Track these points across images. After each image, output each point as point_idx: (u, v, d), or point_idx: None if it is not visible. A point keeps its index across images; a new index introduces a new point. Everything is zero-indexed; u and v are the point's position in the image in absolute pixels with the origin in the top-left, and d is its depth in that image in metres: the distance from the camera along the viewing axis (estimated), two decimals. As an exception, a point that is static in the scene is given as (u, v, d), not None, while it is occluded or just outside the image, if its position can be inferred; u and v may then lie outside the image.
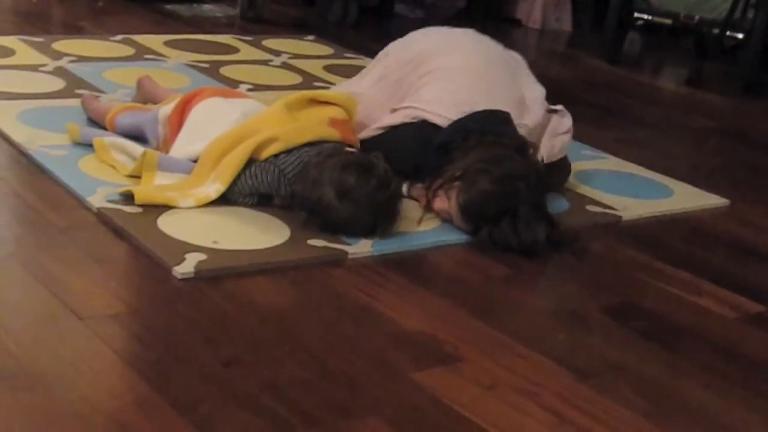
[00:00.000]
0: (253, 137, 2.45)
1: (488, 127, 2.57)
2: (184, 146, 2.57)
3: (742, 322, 2.29)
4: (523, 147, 2.55)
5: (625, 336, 2.15)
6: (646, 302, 2.33)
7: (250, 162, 2.43)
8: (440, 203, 2.52)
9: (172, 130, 2.63)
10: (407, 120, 2.67)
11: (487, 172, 2.44)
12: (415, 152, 2.58)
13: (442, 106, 2.65)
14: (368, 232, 2.37)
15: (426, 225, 2.51)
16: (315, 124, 2.52)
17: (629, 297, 2.35)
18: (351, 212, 2.33)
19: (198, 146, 2.53)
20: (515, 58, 2.95)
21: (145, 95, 3.03)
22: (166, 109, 2.69)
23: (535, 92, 2.84)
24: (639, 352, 2.08)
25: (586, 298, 2.32)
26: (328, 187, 2.32)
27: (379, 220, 2.38)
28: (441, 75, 2.75)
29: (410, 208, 2.54)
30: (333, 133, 2.51)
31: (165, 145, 2.64)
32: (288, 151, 2.43)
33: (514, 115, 2.67)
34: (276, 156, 2.43)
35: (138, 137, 2.70)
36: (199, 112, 2.63)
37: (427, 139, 2.60)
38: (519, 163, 2.47)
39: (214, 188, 2.41)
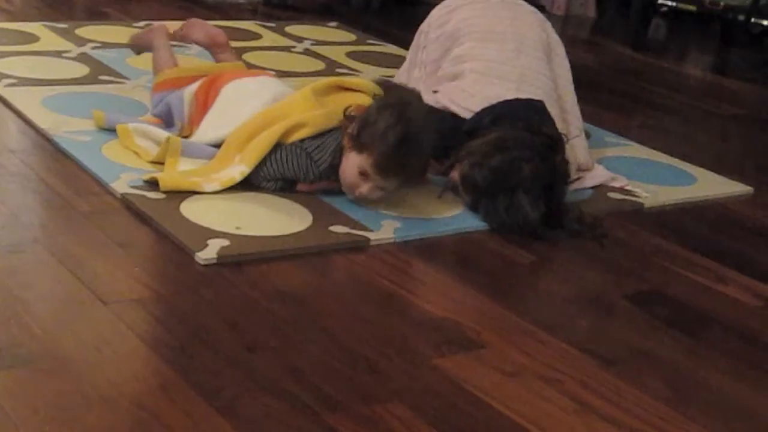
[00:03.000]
0: (280, 122, 2.45)
1: (520, 114, 2.57)
2: (211, 129, 2.57)
3: (766, 310, 2.28)
4: (554, 141, 2.53)
5: (648, 323, 2.14)
6: (670, 289, 2.32)
7: (277, 146, 2.43)
8: (454, 174, 2.54)
9: (198, 109, 2.64)
10: (439, 107, 2.68)
11: (496, 149, 2.45)
12: (444, 136, 2.57)
13: (473, 100, 2.67)
14: (399, 157, 2.36)
15: (448, 211, 2.51)
16: (342, 110, 2.53)
17: (653, 284, 2.34)
18: (390, 122, 2.34)
19: (225, 130, 2.53)
20: (553, 39, 2.94)
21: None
22: (191, 88, 2.69)
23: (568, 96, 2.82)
24: (662, 339, 2.07)
25: (610, 286, 2.31)
26: (372, 108, 2.39)
27: (412, 149, 2.37)
28: (473, 67, 2.74)
29: (435, 193, 2.54)
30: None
31: (191, 125, 2.64)
32: (314, 136, 2.44)
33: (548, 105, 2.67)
34: (302, 140, 2.43)
35: (167, 121, 2.70)
36: (227, 93, 2.63)
37: (456, 128, 2.61)
38: (531, 148, 2.45)
39: (238, 170, 2.42)
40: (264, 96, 2.61)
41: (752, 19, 4.92)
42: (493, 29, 2.84)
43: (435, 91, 2.77)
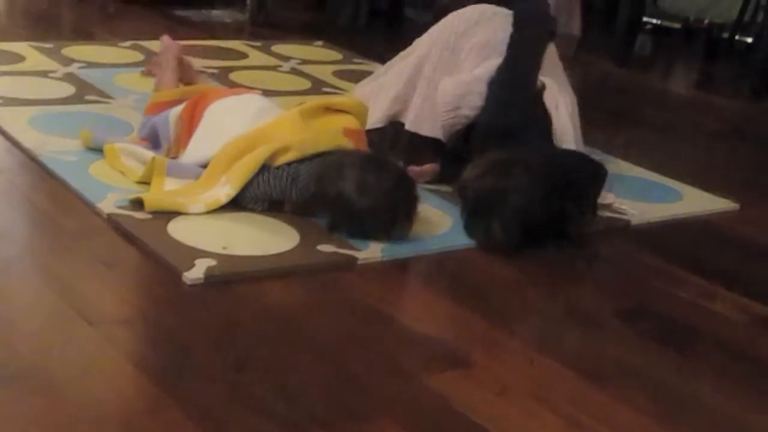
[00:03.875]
0: (267, 144, 2.45)
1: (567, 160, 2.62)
2: (197, 150, 2.57)
3: (754, 326, 2.29)
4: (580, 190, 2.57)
5: (637, 340, 2.14)
6: (658, 306, 2.32)
7: (263, 168, 2.42)
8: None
9: (184, 130, 2.63)
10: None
11: (498, 171, 2.47)
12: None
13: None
14: (387, 229, 2.36)
15: (435, 229, 2.51)
16: (329, 134, 2.53)
17: (641, 301, 2.34)
18: (371, 205, 2.33)
19: (211, 149, 2.52)
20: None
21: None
22: (176, 109, 2.69)
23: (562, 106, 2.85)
24: (651, 356, 2.07)
25: (598, 302, 2.31)
26: (348, 183, 2.33)
27: (398, 217, 2.38)
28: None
29: (425, 210, 2.53)
30: (347, 143, 2.51)
31: (177, 145, 2.64)
32: (301, 160, 2.43)
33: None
34: (289, 164, 2.43)
35: (154, 143, 2.70)
36: (212, 113, 2.63)
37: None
38: (536, 182, 2.45)
39: (224, 192, 2.41)
40: (248, 114, 2.60)
41: (737, 36, 4.94)
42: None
43: None
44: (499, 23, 2.88)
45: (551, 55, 2.91)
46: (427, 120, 2.87)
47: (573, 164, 2.58)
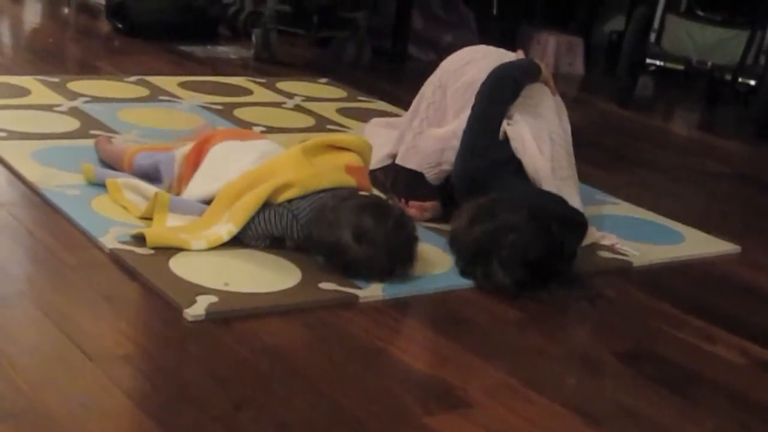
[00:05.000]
0: (269, 181, 2.46)
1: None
2: (199, 187, 2.58)
3: (755, 369, 2.28)
4: (572, 222, 2.59)
5: (636, 382, 2.14)
6: (658, 348, 2.32)
7: (265, 205, 2.43)
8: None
9: (188, 169, 2.64)
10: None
11: (485, 215, 2.47)
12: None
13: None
14: (386, 274, 2.37)
15: (436, 268, 2.51)
16: (331, 171, 2.53)
17: (641, 342, 2.34)
18: (368, 254, 2.33)
19: (213, 187, 2.54)
20: (558, 96, 3.00)
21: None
22: (184, 149, 2.70)
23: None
24: (651, 397, 2.07)
25: (598, 343, 2.31)
26: (345, 230, 2.33)
27: (397, 262, 2.38)
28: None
29: (426, 249, 2.54)
30: (349, 180, 2.52)
31: (179, 184, 2.65)
32: (303, 197, 2.44)
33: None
34: (290, 201, 2.43)
35: (154, 177, 2.71)
36: (216, 153, 2.64)
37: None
38: (527, 219, 2.45)
39: (226, 229, 2.42)
40: (252, 154, 2.61)
41: (739, 79, 4.96)
42: None
43: None
44: (488, 63, 2.90)
45: (536, 92, 2.91)
46: (413, 157, 2.89)
47: (551, 207, 2.58)
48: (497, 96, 2.78)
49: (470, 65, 2.97)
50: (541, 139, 2.74)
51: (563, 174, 2.74)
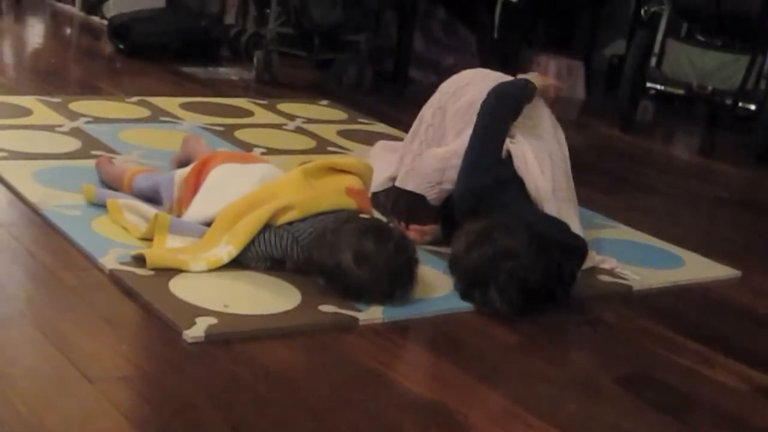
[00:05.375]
0: (269, 203, 2.46)
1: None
2: (199, 209, 2.58)
3: (754, 395, 2.28)
4: (572, 248, 2.59)
5: (636, 407, 2.13)
6: (658, 373, 2.31)
7: (265, 227, 2.43)
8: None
9: (187, 192, 2.65)
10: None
11: (484, 240, 2.46)
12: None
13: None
14: (386, 297, 2.37)
15: (436, 291, 2.51)
16: (332, 193, 2.54)
17: (641, 367, 2.34)
18: (369, 277, 2.33)
19: (213, 209, 2.54)
20: (554, 118, 3.00)
21: (187, 154, 3.03)
22: (183, 171, 2.70)
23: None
24: (651, 423, 2.06)
25: (598, 368, 2.30)
26: (346, 253, 2.33)
27: (397, 285, 2.38)
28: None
29: (426, 272, 2.54)
30: (349, 203, 2.52)
31: (179, 206, 2.65)
32: (303, 219, 2.44)
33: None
34: (290, 223, 2.43)
35: (154, 199, 2.71)
36: (216, 175, 2.64)
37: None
38: (526, 244, 2.45)
39: (226, 251, 2.42)
40: (252, 177, 2.62)
41: (740, 103, 4.96)
42: None
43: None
44: (488, 85, 2.90)
45: (535, 112, 2.91)
46: (413, 179, 2.89)
47: (551, 232, 2.57)
48: (499, 114, 2.79)
49: (470, 86, 2.98)
50: (541, 159, 2.75)
51: (563, 196, 2.74)
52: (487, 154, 2.73)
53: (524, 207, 2.67)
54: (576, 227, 2.69)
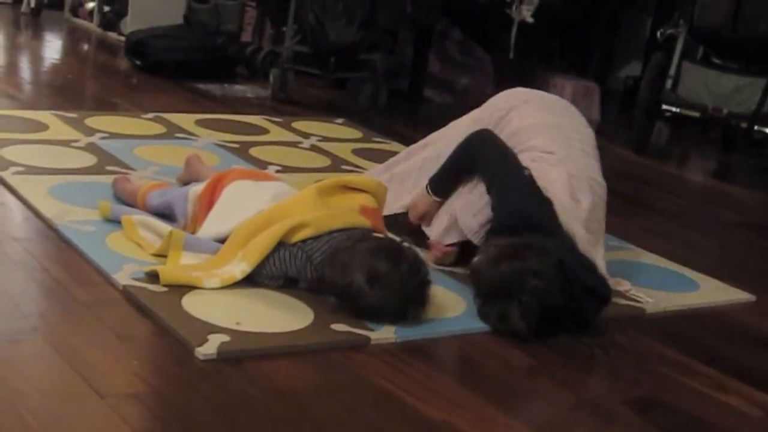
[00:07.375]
0: (283, 221, 2.46)
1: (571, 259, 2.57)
2: (213, 226, 2.59)
3: (767, 420, 2.26)
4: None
5: (647, 431, 2.12)
6: (670, 397, 2.30)
7: (279, 245, 2.43)
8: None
9: (202, 209, 2.65)
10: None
11: (512, 255, 2.45)
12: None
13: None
14: (398, 317, 2.37)
15: (449, 312, 2.51)
16: (346, 212, 2.54)
17: (653, 391, 2.33)
18: (381, 298, 2.33)
19: (227, 226, 2.54)
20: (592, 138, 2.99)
21: (191, 174, 3.05)
22: (197, 188, 2.71)
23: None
24: (662, 448, 2.06)
25: (609, 391, 2.30)
26: (358, 273, 2.33)
27: (410, 305, 2.38)
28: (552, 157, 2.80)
29: (439, 292, 2.53)
30: (363, 221, 2.52)
31: (193, 223, 2.66)
32: (317, 237, 2.44)
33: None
34: (304, 241, 2.43)
35: (167, 215, 2.72)
36: (230, 193, 2.65)
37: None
38: (551, 266, 2.45)
39: (239, 268, 2.42)
40: (266, 195, 2.62)
41: (755, 127, 4.95)
42: (556, 124, 2.91)
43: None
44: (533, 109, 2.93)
45: (576, 139, 2.91)
46: (455, 234, 2.83)
47: (580, 272, 2.53)
48: (497, 153, 2.78)
49: (513, 111, 2.94)
50: (580, 188, 2.72)
51: (593, 227, 2.71)
52: (521, 181, 2.70)
53: (561, 240, 2.59)
54: (600, 264, 2.66)
